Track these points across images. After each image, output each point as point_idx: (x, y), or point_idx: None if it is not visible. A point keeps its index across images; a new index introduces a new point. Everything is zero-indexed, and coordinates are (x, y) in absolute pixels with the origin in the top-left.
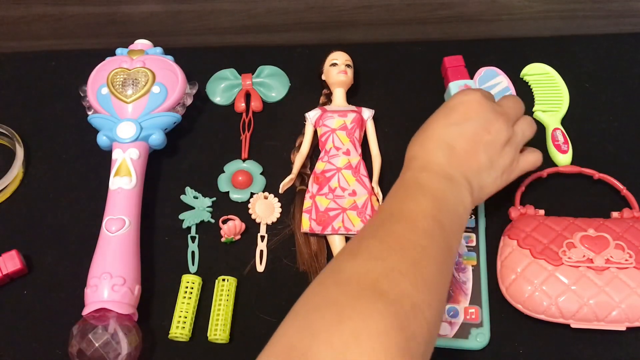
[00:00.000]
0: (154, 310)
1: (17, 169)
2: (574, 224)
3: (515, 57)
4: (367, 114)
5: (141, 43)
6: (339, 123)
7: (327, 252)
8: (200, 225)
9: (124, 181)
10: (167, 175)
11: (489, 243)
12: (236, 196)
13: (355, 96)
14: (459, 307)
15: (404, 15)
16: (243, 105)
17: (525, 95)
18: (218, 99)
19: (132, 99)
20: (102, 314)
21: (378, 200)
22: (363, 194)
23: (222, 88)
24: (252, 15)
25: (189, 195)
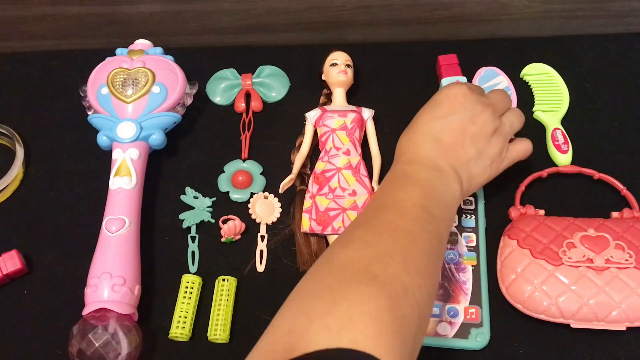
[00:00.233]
0: (154, 310)
1: (17, 169)
2: (574, 224)
3: (515, 57)
4: (367, 114)
5: (141, 43)
6: (339, 123)
7: None
8: (200, 225)
9: (124, 181)
10: (167, 175)
11: (489, 243)
12: (236, 196)
13: (355, 96)
14: (459, 307)
15: (404, 15)
16: (243, 105)
17: (525, 95)
18: (218, 99)
19: (132, 99)
20: (102, 314)
21: None
22: (363, 194)
23: (222, 88)
24: (252, 15)
25: (189, 195)
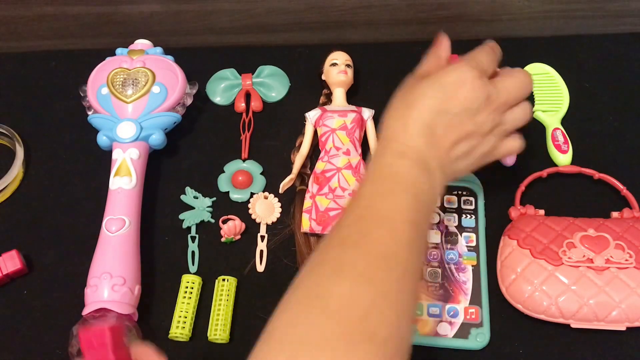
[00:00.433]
0: (154, 310)
1: (17, 169)
2: (574, 224)
3: (515, 57)
4: (367, 114)
5: (141, 43)
6: (339, 123)
7: None
8: (200, 225)
9: (124, 181)
10: (167, 175)
11: (489, 243)
12: (236, 196)
13: (355, 96)
14: (459, 307)
15: (404, 15)
16: (243, 105)
17: None
18: (218, 99)
19: (132, 99)
20: (102, 314)
21: None
22: None
23: (222, 88)
24: (252, 15)
25: (189, 195)
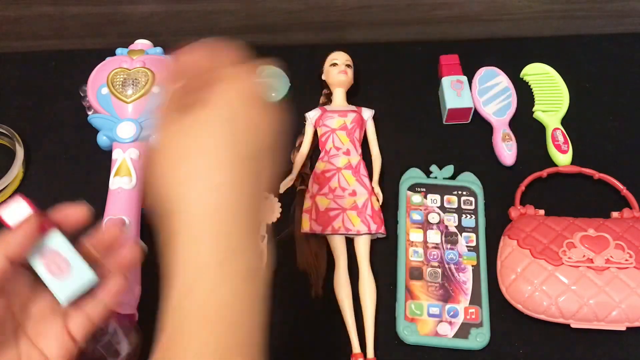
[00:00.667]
0: (154, 310)
1: (17, 169)
2: (574, 224)
3: (515, 57)
4: (367, 114)
5: (141, 43)
6: (339, 123)
7: (327, 252)
8: None
9: (124, 181)
10: None
11: (489, 243)
12: None
13: (355, 96)
14: (459, 307)
15: (404, 15)
16: None
17: (525, 95)
18: None
19: (132, 99)
20: None
21: (378, 200)
22: (363, 194)
23: None
24: (252, 15)
25: None
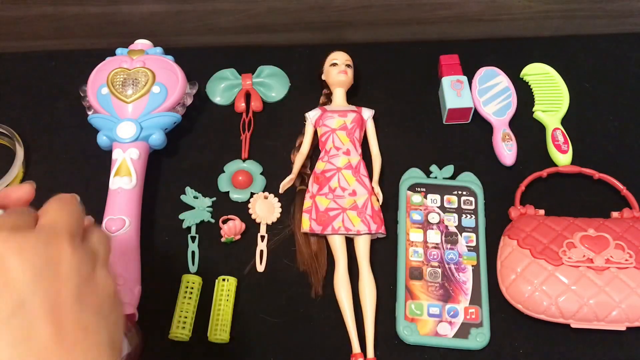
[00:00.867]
0: (154, 310)
1: (17, 169)
2: (574, 224)
3: (515, 57)
4: (367, 114)
5: (141, 43)
6: (339, 123)
7: (327, 252)
8: (200, 225)
9: (124, 181)
10: (167, 175)
11: (489, 243)
12: (236, 196)
13: (355, 96)
14: (459, 307)
15: (404, 15)
16: (243, 105)
17: (525, 95)
18: (218, 99)
19: (132, 99)
20: None
21: (378, 200)
22: (363, 194)
23: (222, 88)
24: (252, 15)
25: (189, 195)
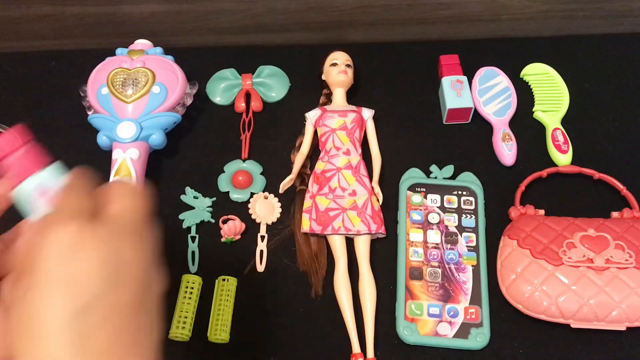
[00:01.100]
0: None
1: None
2: (574, 224)
3: (515, 57)
4: (367, 114)
5: (141, 43)
6: (339, 123)
7: (327, 252)
8: (200, 225)
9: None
10: (167, 175)
11: (489, 243)
12: (236, 196)
13: (355, 96)
14: (459, 307)
15: (404, 15)
16: (243, 105)
17: (525, 95)
18: (218, 99)
19: (132, 99)
20: None
21: (378, 200)
22: (363, 194)
23: (222, 88)
24: (252, 15)
25: (189, 195)
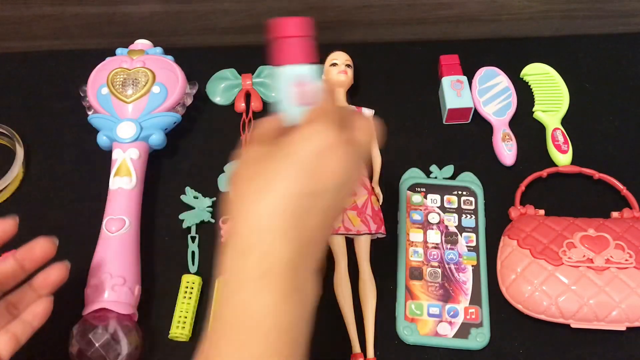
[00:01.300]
0: (154, 310)
1: (17, 169)
2: (574, 224)
3: (515, 57)
4: (367, 114)
5: (141, 43)
6: None
7: (327, 252)
8: (200, 225)
9: (124, 181)
10: (167, 175)
11: (489, 243)
12: None
13: (355, 96)
14: (459, 307)
15: (404, 15)
16: (243, 105)
17: (525, 95)
18: (218, 99)
19: (132, 99)
20: (102, 314)
21: (378, 200)
22: (363, 194)
23: (222, 88)
24: (252, 15)
25: (189, 195)
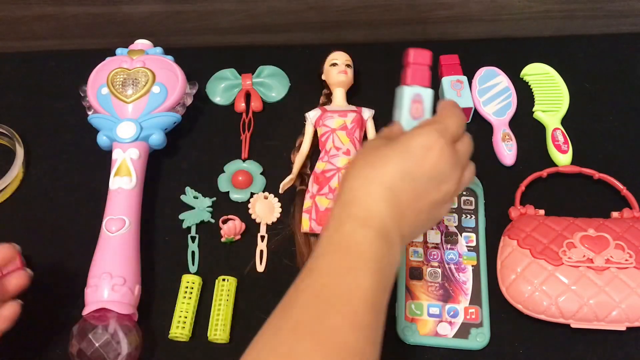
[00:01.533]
0: (154, 310)
1: (17, 169)
2: (574, 224)
3: (515, 57)
4: (367, 114)
5: (141, 43)
6: (339, 123)
7: None
8: (200, 225)
9: (124, 181)
10: (167, 175)
11: (489, 243)
12: (236, 196)
13: (355, 96)
14: (459, 307)
15: (404, 15)
16: (243, 105)
17: (525, 95)
18: (218, 99)
19: (132, 99)
20: (102, 314)
21: None
22: None
23: (222, 88)
24: (252, 15)
25: (189, 195)
